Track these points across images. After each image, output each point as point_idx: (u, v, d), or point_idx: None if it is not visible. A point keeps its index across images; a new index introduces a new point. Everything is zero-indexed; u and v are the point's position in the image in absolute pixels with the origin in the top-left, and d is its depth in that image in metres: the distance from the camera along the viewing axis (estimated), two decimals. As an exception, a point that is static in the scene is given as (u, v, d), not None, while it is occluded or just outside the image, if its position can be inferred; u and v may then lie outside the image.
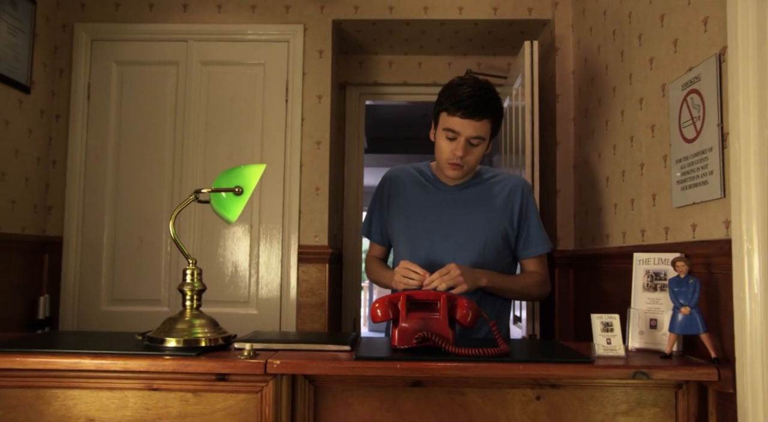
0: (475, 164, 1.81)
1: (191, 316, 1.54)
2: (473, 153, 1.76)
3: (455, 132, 1.73)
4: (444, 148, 1.77)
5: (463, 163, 1.76)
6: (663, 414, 1.49)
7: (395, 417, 1.49)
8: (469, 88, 1.74)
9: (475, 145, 1.75)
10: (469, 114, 1.70)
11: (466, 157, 1.75)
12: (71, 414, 1.43)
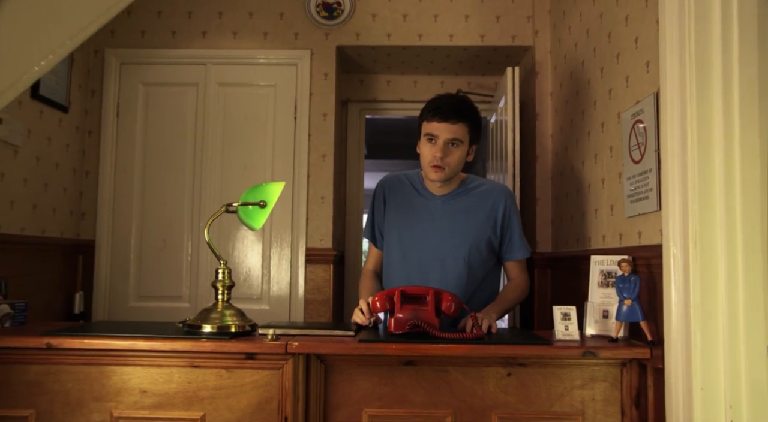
0: (455, 166, 1.99)
1: (223, 307, 1.87)
2: (452, 154, 1.95)
3: (434, 135, 1.94)
4: (426, 153, 1.97)
5: (444, 164, 1.94)
6: (611, 387, 1.81)
7: (391, 390, 1.82)
8: (446, 97, 2.02)
9: (454, 147, 1.95)
10: (445, 117, 1.93)
11: (446, 159, 1.94)
12: (127, 386, 1.76)
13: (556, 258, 2.87)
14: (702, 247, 1.57)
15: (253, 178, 3.09)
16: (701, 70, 1.60)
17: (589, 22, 2.48)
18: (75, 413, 1.75)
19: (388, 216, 2.16)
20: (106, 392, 1.76)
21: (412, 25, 3.15)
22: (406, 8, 3.15)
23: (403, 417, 1.81)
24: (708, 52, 1.60)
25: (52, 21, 0.77)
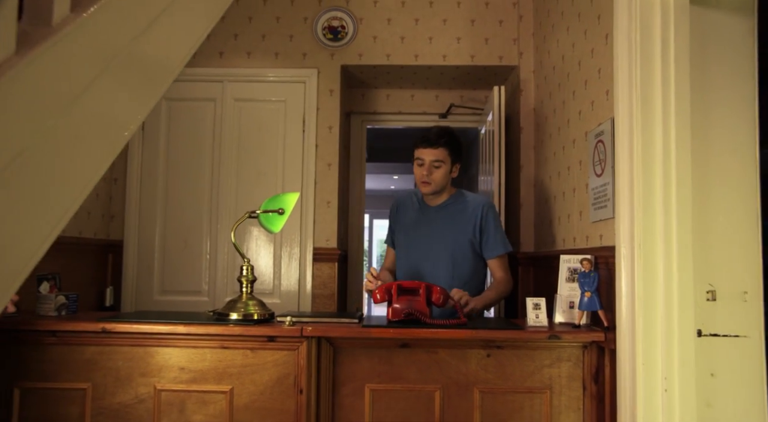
0: (440, 181, 2.50)
1: (246, 298, 2.21)
2: (437, 172, 2.48)
3: (422, 159, 2.49)
4: (417, 173, 2.54)
5: (430, 180, 2.48)
6: (574, 366, 2.16)
7: (389, 368, 2.16)
8: (433, 128, 2.53)
9: (437, 167, 2.47)
10: (429, 143, 2.47)
11: (431, 176, 2.47)
12: (168, 364, 2.10)
13: (536, 257, 3.21)
14: (644, 249, 1.91)
15: (265, 184, 3.43)
16: (645, 102, 1.94)
17: (564, 50, 2.81)
18: (125, 386, 2.09)
19: (397, 224, 2.71)
20: (151, 369, 2.10)
21: (409, 46, 3.49)
22: (404, 31, 3.49)
23: (399, 391, 2.15)
24: (651, 87, 1.94)
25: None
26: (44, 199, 0.85)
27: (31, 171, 0.80)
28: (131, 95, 1.16)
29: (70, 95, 0.90)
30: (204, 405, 2.09)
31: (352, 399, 2.15)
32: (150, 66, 1.24)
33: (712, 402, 1.87)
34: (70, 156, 0.91)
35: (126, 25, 1.11)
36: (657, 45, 1.95)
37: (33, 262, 0.83)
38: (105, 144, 1.03)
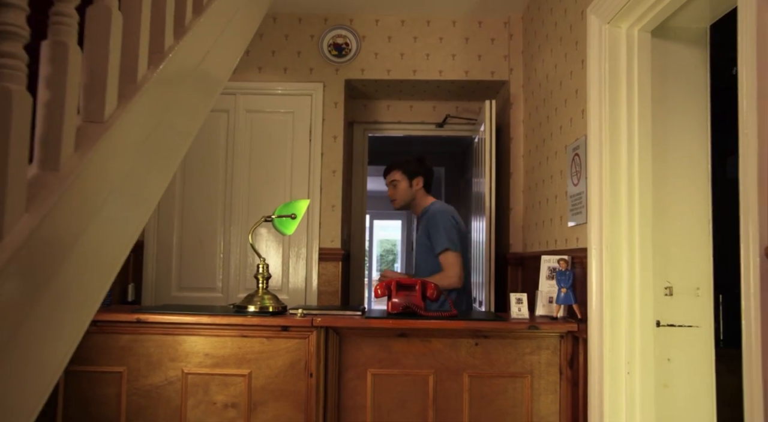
0: (402, 195, 3.26)
1: (262, 293, 2.49)
2: (396, 190, 3.26)
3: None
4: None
5: (394, 196, 3.28)
6: (552, 354, 2.44)
7: (388, 355, 2.44)
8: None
9: (395, 186, 3.25)
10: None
11: (393, 193, 3.28)
12: (194, 351, 2.38)
13: (524, 257, 3.49)
14: (611, 250, 2.20)
15: (274, 189, 3.71)
16: (612, 122, 2.22)
17: (548, 69, 3.10)
18: (156, 370, 2.38)
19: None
20: (179, 354, 2.38)
21: (408, 62, 3.77)
22: (403, 48, 3.77)
23: (397, 376, 2.44)
24: (617, 109, 2.22)
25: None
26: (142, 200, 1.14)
27: (137, 184, 1.09)
28: (198, 101, 1.48)
29: (158, 113, 1.19)
30: (226, 387, 2.37)
31: (356, 383, 2.43)
32: (208, 80, 1.56)
33: (669, 383, 2.15)
34: (157, 165, 1.20)
35: (198, 50, 1.42)
36: (623, 72, 2.23)
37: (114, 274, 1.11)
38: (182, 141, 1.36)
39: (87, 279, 0.97)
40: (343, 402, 2.42)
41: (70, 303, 0.92)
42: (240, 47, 1.90)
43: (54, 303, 0.87)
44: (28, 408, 0.84)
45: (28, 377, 0.83)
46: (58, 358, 0.91)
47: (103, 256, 1.02)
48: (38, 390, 0.86)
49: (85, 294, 0.96)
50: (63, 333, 0.90)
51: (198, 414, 2.37)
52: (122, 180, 1.06)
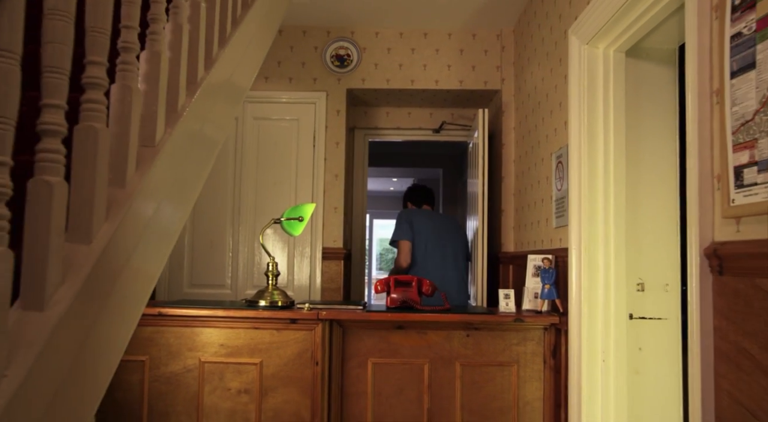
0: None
1: (272, 289, 2.72)
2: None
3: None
4: None
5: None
6: (537, 345, 2.67)
7: (387, 346, 2.68)
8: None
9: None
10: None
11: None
12: (210, 341, 2.62)
13: (515, 256, 3.72)
14: (589, 250, 2.43)
15: (280, 193, 3.94)
16: (590, 134, 2.45)
17: (536, 81, 3.33)
18: (175, 358, 2.61)
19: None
20: (196, 345, 2.62)
21: (406, 72, 4.00)
22: (402, 59, 4.00)
23: (395, 364, 2.67)
24: (595, 122, 2.45)
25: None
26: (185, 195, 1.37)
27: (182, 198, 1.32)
28: (228, 107, 1.73)
29: (196, 128, 1.42)
30: (239, 374, 2.61)
31: (358, 371, 2.66)
32: (236, 88, 1.82)
33: (640, 370, 2.38)
34: (193, 172, 1.43)
35: (230, 63, 1.67)
36: (600, 88, 2.46)
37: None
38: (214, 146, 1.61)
39: (151, 263, 1.20)
40: (346, 389, 2.66)
41: (134, 293, 1.16)
42: (258, 61, 2.20)
43: (123, 292, 1.10)
44: (104, 381, 1.07)
45: (103, 357, 1.06)
46: (123, 339, 1.15)
47: (156, 249, 1.25)
48: (109, 367, 1.09)
49: (144, 284, 1.20)
50: (131, 317, 1.14)
51: (214, 399, 2.60)
52: (170, 189, 1.29)
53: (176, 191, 1.34)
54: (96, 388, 1.04)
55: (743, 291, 1.32)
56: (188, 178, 1.43)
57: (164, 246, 1.32)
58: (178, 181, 1.35)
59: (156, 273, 1.31)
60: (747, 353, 1.30)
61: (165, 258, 1.35)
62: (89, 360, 0.99)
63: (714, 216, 1.46)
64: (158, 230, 1.25)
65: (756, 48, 1.27)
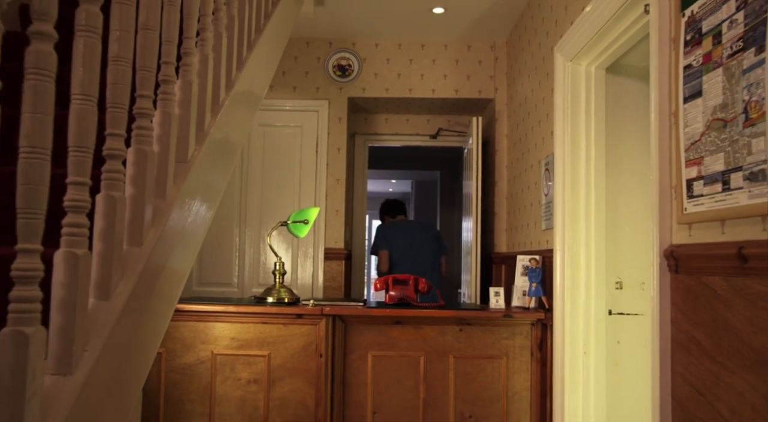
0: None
1: (279, 286, 2.93)
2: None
3: None
4: None
5: None
6: (524, 338, 2.88)
7: (386, 340, 2.88)
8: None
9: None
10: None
11: None
12: (222, 335, 2.82)
13: (507, 256, 3.93)
14: (571, 251, 2.64)
15: (285, 196, 4.15)
16: (574, 144, 2.66)
17: (526, 92, 3.54)
18: (190, 351, 2.82)
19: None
20: (209, 338, 2.82)
21: (404, 81, 4.21)
22: (400, 69, 4.21)
23: (393, 357, 2.88)
24: (578, 133, 2.66)
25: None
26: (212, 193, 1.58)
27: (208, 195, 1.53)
28: (247, 114, 1.95)
29: (222, 137, 1.63)
30: (249, 366, 2.81)
31: (359, 363, 2.87)
32: (254, 97, 2.03)
33: (618, 361, 2.59)
34: (220, 168, 1.64)
35: (251, 75, 1.89)
36: (582, 102, 2.67)
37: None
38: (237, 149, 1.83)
39: (183, 264, 1.41)
40: (348, 379, 2.86)
41: (170, 289, 1.36)
42: (270, 74, 2.44)
43: (163, 289, 1.31)
44: (148, 362, 1.28)
45: (148, 342, 1.26)
46: (162, 329, 1.36)
47: (187, 251, 1.46)
48: (150, 355, 1.30)
49: (177, 282, 1.41)
50: (170, 308, 1.35)
51: (225, 388, 2.81)
52: (200, 195, 1.50)
53: (205, 197, 1.55)
54: (144, 367, 1.25)
55: (693, 287, 1.53)
56: (214, 182, 1.64)
57: (193, 247, 1.53)
58: (207, 187, 1.56)
59: (186, 273, 1.52)
60: (695, 340, 1.51)
61: (194, 258, 1.56)
62: (139, 344, 1.20)
63: (671, 222, 1.67)
64: (189, 233, 1.46)
65: (702, 79, 1.48)
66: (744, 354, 1.31)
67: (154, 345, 1.32)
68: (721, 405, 1.39)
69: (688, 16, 1.57)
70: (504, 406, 2.86)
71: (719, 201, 1.39)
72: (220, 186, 1.74)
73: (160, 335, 1.37)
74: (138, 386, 1.23)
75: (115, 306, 1.07)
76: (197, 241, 1.54)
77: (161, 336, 1.38)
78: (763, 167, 1.23)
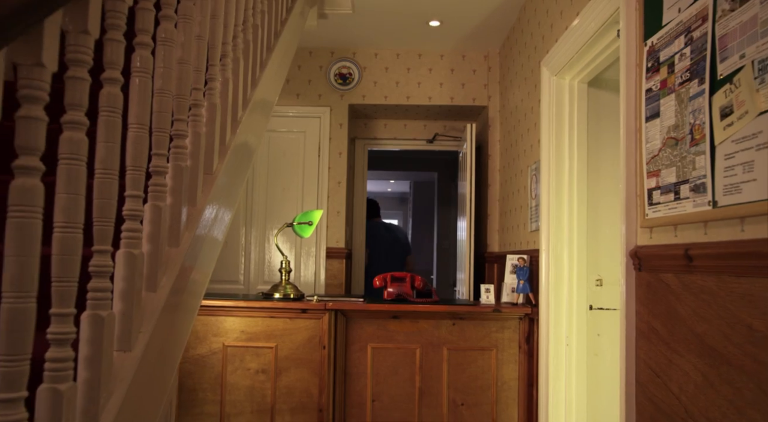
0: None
1: (285, 283, 3.15)
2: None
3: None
4: None
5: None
6: (513, 332, 3.11)
7: (385, 333, 3.11)
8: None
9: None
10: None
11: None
12: (233, 328, 3.04)
13: (499, 256, 4.15)
14: (556, 251, 2.86)
15: (288, 198, 4.37)
16: (558, 152, 2.89)
17: (516, 102, 3.76)
18: (202, 343, 3.04)
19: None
20: (220, 331, 3.04)
21: (402, 89, 4.43)
22: (398, 78, 4.44)
23: (391, 349, 3.10)
24: (561, 142, 2.89)
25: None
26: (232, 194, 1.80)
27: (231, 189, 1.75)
28: (261, 120, 2.17)
29: (241, 146, 1.85)
30: (257, 357, 3.04)
31: (359, 354, 3.10)
32: (267, 104, 2.25)
33: (598, 353, 2.82)
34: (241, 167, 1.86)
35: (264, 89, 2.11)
36: (566, 113, 2.90)
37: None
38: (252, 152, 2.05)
39: (208, 265, 1.63)
40: (349, 369, 3.09)
41: (199, 286, 1.59)
42: (280, 85, 2.66)
43: (193, 285, 1.53)
44: (181, 349, 1.50)
45: (181, 335, 1.48)
46: (191, 320, 1.58)
47: (211, 251, 1.68)
48: (183, 340, 1.52)
49: (203, 280, 1.63)
50: (197, 303, 1.57)
51: (235, 378, 3.03)
52: (223, 200, 1.72)
53: (226, 200, 1.77)
54: (179, 350, 1.47)
55: (652, 283, 1.76)
56: (234, 185, 1.87)
57: (216, 248, 1.75)
58: (228, 191, 1.79)
59: (210, 272, 1.74)
60: (654, 330, 1.74)
61: (216, 258, 1.78)
62: (176, 330, 1.42)
63: (636, 226, 1.89)
64: (214, 235, 1.68)
65: (660, 102, 1.71)
66: (689, 339, 1.54)
67: (187, 332, 1.54)
68: (673, 384, 1.62)
69: (649, 45, 1.80)
70: (494, 395, 3.09)
71: (672, 208, 1.62)
72: (238, 192, 1.96)
73: (191, 325, 1.59)
74: (175, 365, 1.45)
75: (160, 297, 1.29)
76: (219, 243, 1.77)
77: (191, 326, 1.60)
78: (703, 181, 1.46)
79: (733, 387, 1.35)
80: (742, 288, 1.32)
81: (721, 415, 1.39)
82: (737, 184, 1.32)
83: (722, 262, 1.40)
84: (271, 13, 2.40)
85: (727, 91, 1.37)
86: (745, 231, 1.33)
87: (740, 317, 1.32)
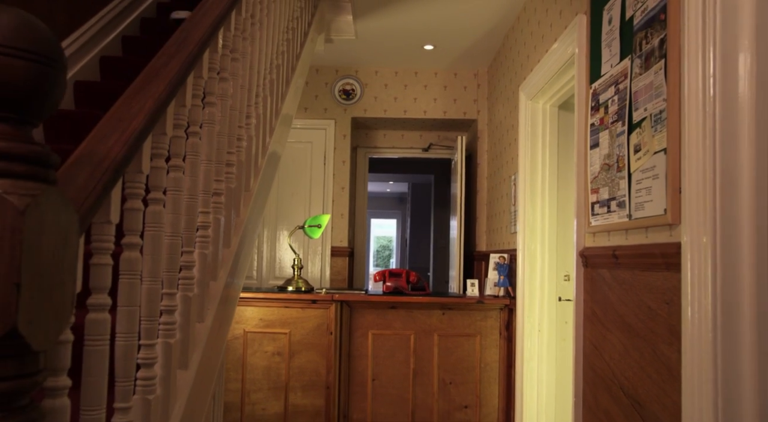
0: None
1: (297, 278, 3.64)
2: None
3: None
4: None
5: None
6: (494, 321, 3.59)
7: (383, 321, 3.59)
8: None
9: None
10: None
11: None
12: (252, 316, 3.52)
13: (486, 254, 4.64)
14: (529, 250, 3.35)
15: (297, 202, 4.85)
16: (532, 165, 3.37)
17: (501, 118, 4.24)
18: (226, 329, 3.52)
19: None
20: (242, 319, 3.52)
21: (400, 104, 4.91)
22: (396, 93, 4.91)
23: (389, 335, 3.58)
24: (535, 157, 3.37)
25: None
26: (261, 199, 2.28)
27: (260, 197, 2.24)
28: (285, 130, 2.64)
29: (270, 159, 2.33)
30: (273, 341, 3.52)
31: (361, 339, 3.58)
32: (289, 118, 2.72)
33: (565, 337, 3.30)
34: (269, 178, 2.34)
35: (284, 114, 2.59)
36: (539, 132, 3.37)
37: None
38: (278, 160, 2.50)
39: (245, 267, 2.11)
40: (353, 352, 3.57)
41: (240, 282, 2.07)
42: (295, 106, 3.10)
43: (237, 281, 2.00)
44: (225, 340, 1.98)
45: (226, 321, 1.96)
46: (233, 312, 2.06)
47: (249, 251, 2.16)
48: (227, 330, 2.00)
49: (243, 276, 2.11)
50: (237, 298, 2.05)
51: (255, 359, 3.51)
52: (257, 208, 2.21)
53: (259, 207, 2.25)
54: (218, 364, 1.95)
55: (594, 277, 2.24)
56: (264, 191, 2.35)
57: (252, 247, 2.23)
58: (260, 198, 2.27)
59: (246, 269, 2.22)
60: (595, 314, 2.22)
61: (251, 256, 2.26)
62: (217, 347, 1.90)
63: (584, 231, 2.37)
64: (250, 236, 2.16)
65: (599, 135, 2.18)
66: (616, 319, 2.02)
67: (224, 343, 2.02)
68: (605, 354, 2.10)
69: (593, 88, 2.27)
70: (478, 375, 3.57)
71: (605, 219, 2.10)
72: (268, 191, 2.44)
73: (232, 313, 2.07)
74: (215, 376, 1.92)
75: (219, 286, 1.77)
76: (253, 245, 2.25)
77: (232, 315, 2.07)
78: (624, 199, 1.94)
79: (639, 352, 1.83)
80: (646, 279, 1.80)
81: (633, 374, 1.88)
82: (642, 203, 1.80)
83: (635, 260, 1.88)
84: (289, 51, 2.88)
85: (638, 133, 1.85)
86: (648, 237, 1.81)
87: (644, 300, 1.81)
